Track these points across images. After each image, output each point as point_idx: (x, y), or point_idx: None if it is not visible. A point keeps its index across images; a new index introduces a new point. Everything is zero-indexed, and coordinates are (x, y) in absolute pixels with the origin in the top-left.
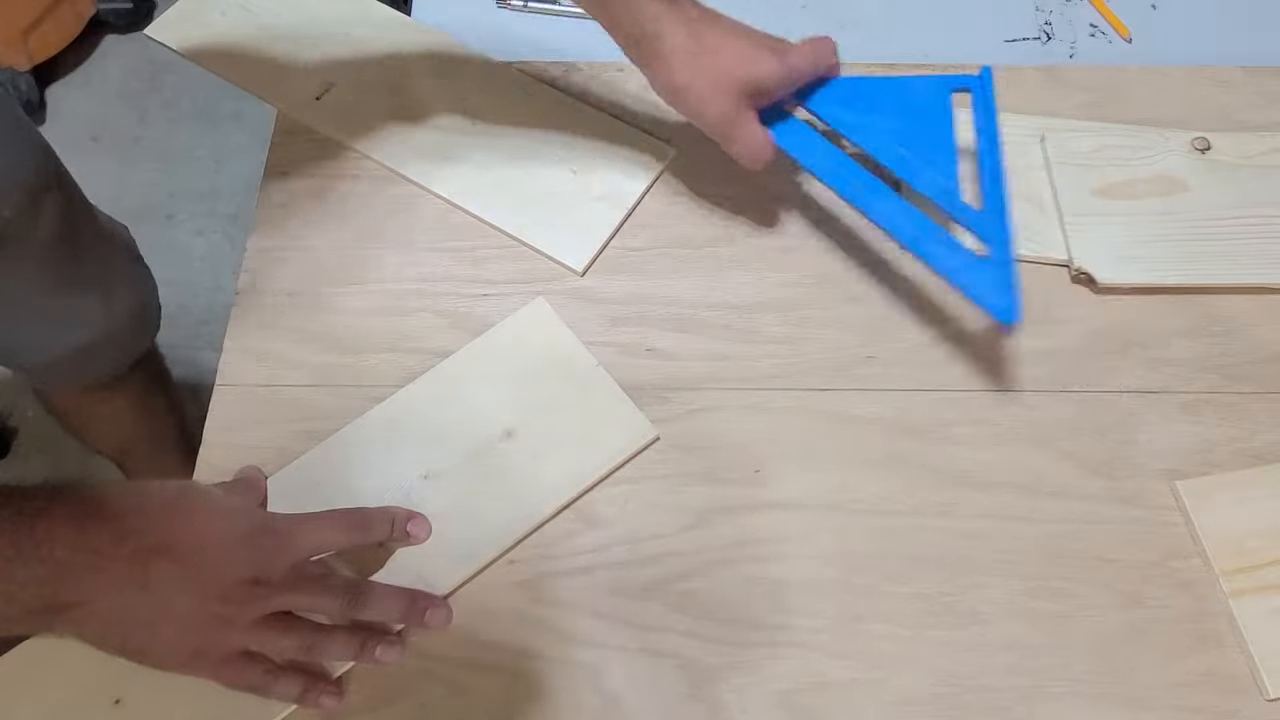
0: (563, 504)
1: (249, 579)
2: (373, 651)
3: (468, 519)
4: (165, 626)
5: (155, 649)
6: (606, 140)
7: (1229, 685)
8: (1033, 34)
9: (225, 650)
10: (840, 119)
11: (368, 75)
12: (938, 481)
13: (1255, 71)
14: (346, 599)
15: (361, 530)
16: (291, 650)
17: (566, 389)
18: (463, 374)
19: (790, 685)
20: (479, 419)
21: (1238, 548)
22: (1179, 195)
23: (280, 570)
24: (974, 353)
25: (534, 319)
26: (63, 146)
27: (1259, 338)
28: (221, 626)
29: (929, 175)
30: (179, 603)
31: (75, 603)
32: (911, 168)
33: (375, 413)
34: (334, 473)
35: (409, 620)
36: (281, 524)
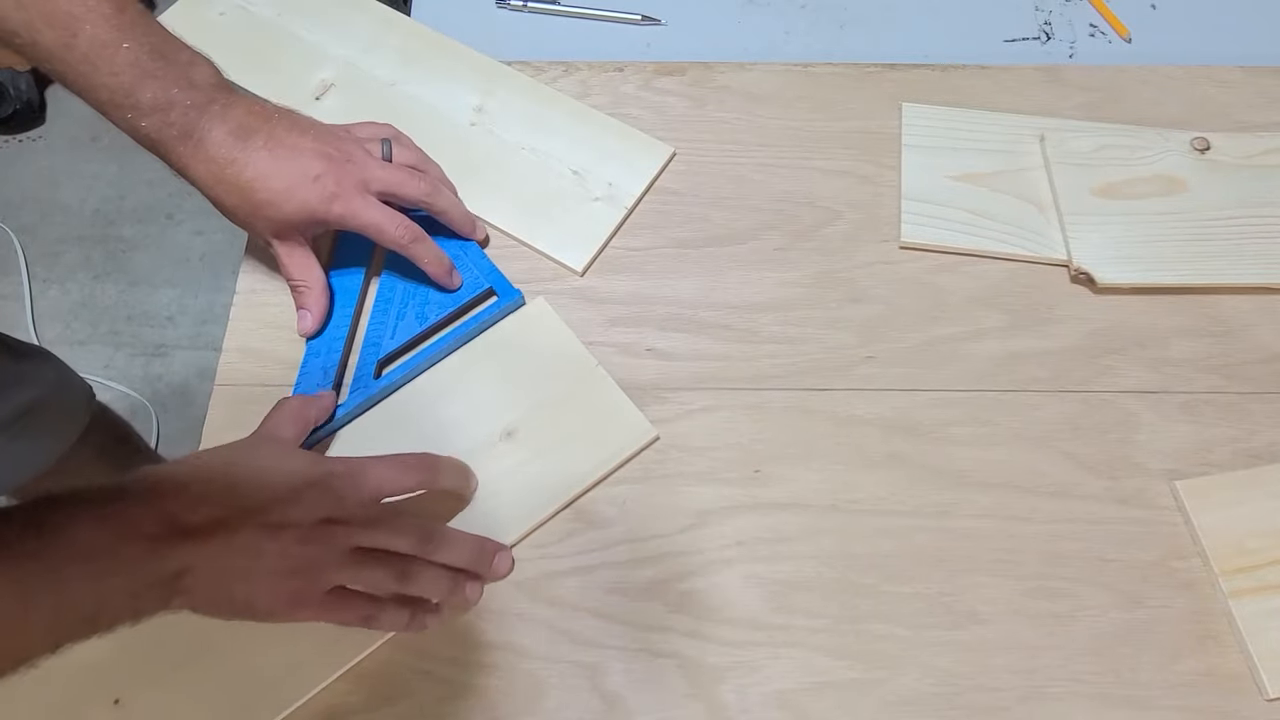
0: (563, 504)
1: (323, 519)
2: (463, 588)
3: (468, 519)
4: (260, 578)
5: (259, 601)
6: (606, 140)
7: (1229, 685)
8: (1032, 34)
9: (321, 589)
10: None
11: (368, 75)
12: (938, 481)
13: (1255, 71)
14: (420, 538)
15: (428, 472)
16: (386, 580)
17: (567, 389)
18: (463, 374)
19: (790, 685)
20: (479, 419)
21: (1237, 548)
22: (1179, 195)
23: (352, 508)
24: (974, 353)
25: (534, 319)
26: (63, 146)
27: (1259, 338)
28: (311, 568)
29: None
30: (265, 553)
31: (178, 571)
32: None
33: (374, 413)
34: None
35: (479, 565)
36: (343, 465)
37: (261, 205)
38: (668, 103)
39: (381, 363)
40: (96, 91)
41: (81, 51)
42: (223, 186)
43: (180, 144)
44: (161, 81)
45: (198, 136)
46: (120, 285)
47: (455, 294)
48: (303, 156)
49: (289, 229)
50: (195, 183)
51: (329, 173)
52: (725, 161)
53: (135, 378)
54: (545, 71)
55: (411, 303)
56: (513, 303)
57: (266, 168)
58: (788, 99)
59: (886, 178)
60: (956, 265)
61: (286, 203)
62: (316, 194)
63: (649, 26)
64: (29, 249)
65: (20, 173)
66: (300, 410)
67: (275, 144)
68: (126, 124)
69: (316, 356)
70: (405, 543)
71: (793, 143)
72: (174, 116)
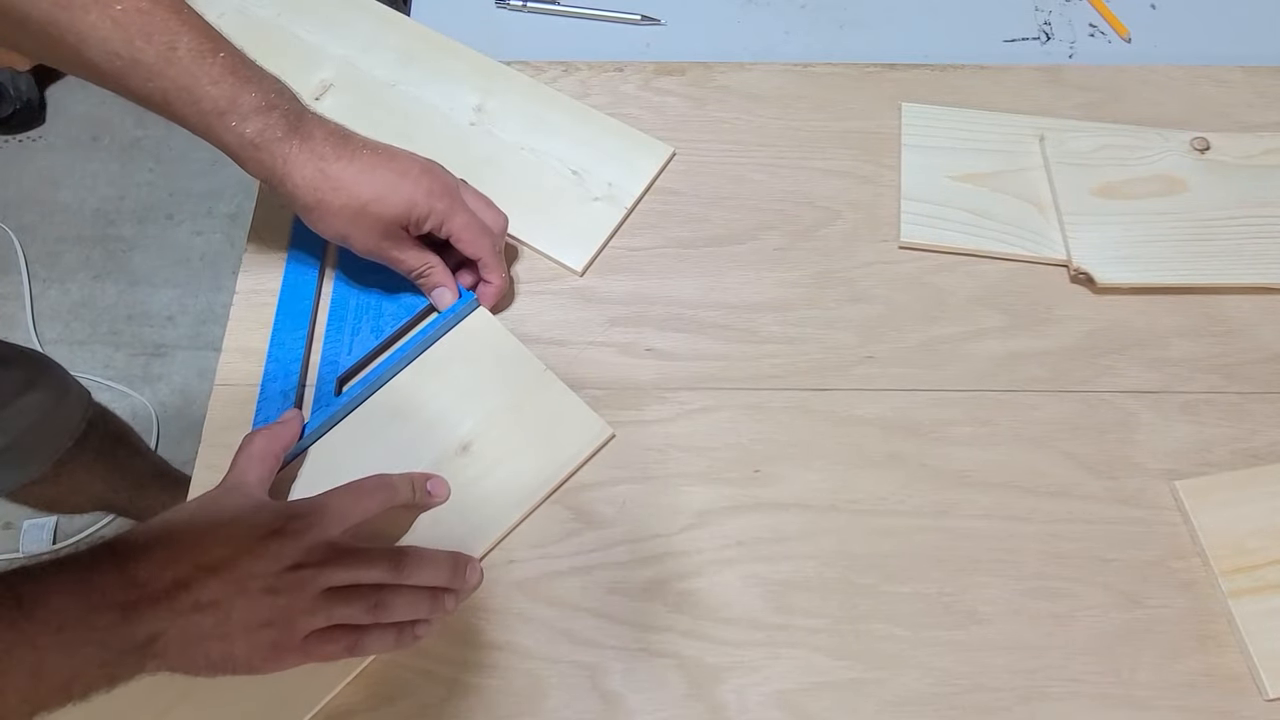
0: (526, 513)
1: (289, 566)
2: (442, 604)
3: (431, 537)
4: (235, 635)
5: (238, 657)
6: (606, 140)
7: (1228, 685)
8: (1032, 34)
9: (300, 634)
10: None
11: (367, 75)
12: (937, 481)
13: (1255, 71)
14: (390, 566)
15: (386, 492)
16: (361, 614)
17: (517, 396)
18: (416, 390)
19: (790, 685)
20: (434, 436)
21: (1237, 548)
22: (1179, 195)
23: (317, 550)
24: (974, 353)
25: (478, 331)
26: (63, 146)
27: (1259, 338)
28: (284, 618)
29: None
30: (236, 609)
31: (150, 637)
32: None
33: (338, 431)
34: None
35: (454, 581)
36: (305, 506)
37: (369, 202)
38: (668, 103)
39: (341, 379)
40: (200, 102)
41: (183, 64)
42: (328, 184)
43: (284, 144)
44: (259, 86)
45: (304, 133)
46: (120, 285)
47: (409, 303)
48: (402, 158)
49: (395, 225)
50: (297, 187)
51: (430, 174)
52: (725, 161)
53: (135, 378)
54: (545, 71)
55: (366, 316)
56: (466, 305)
57: (371, 161)
58: (788, 99)
59: (886, 178)
60: (956, 265)
61: (394, 195)
62: (423, 189)
63: (649, 26)
64: (29, 249)
65: (20, 173)
66: (265, 446)
67: (373, 147)
68: (230, 132)
69: (274, 381)
70: (375, 573)
71: (792, 143)
72: (276, 118)
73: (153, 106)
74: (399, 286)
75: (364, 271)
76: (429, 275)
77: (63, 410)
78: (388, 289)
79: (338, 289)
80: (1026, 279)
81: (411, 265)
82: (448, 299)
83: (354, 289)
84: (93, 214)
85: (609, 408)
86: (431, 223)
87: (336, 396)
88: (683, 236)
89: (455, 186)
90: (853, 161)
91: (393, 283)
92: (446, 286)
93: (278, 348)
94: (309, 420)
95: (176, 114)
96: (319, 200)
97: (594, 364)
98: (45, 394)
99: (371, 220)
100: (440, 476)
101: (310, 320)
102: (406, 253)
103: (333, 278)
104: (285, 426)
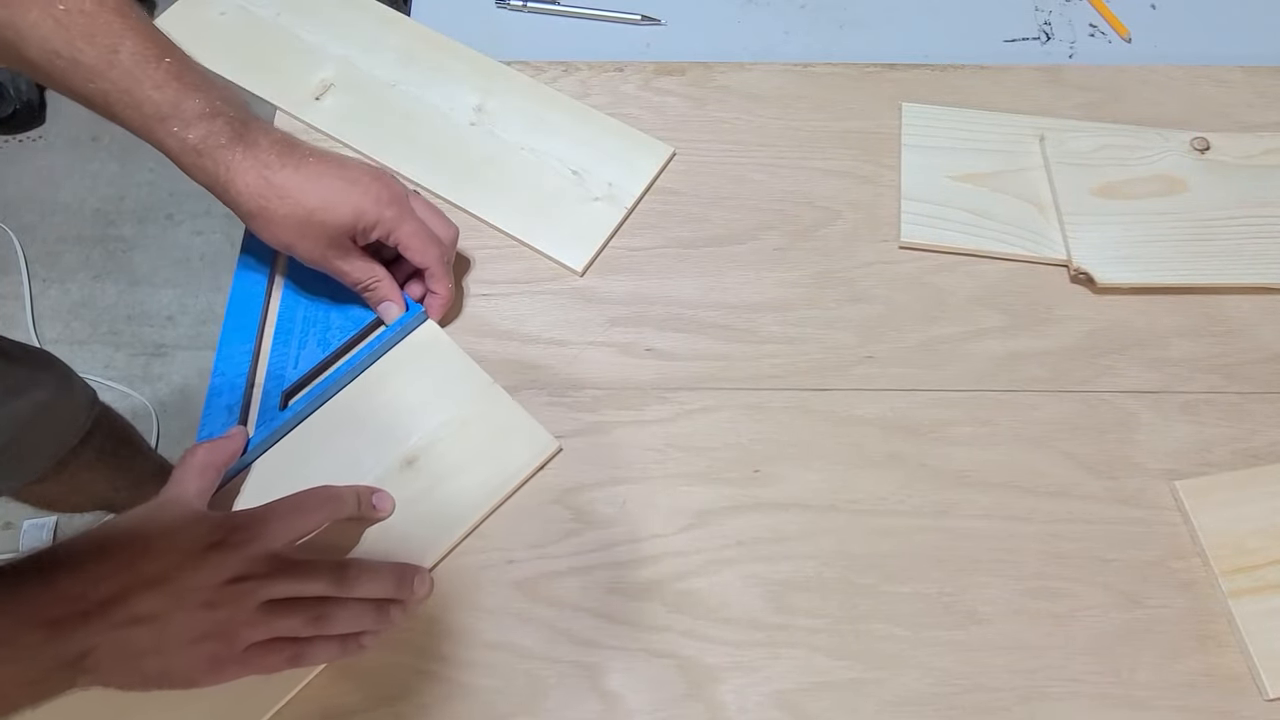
0: (470, 528)
1: (228, 579)
2: (388, 616)
3: (379, 550)
4: (173, 649)
5: (175, 671)
6: (606, 140)
7: (1228, 685)
8: (1032, 34)
9: (240, 647)
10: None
11: (368, 75)
12: (937, 481)
13: (1255, 71)
14: (333, 579)
15: (331, 504)
16: (302, 627)
17: (465, 409)
18: (359, 405)
19: (790, 685)
20: (380, 450)
21: (1237, 548)
22: (1179, 195)
23: (259, 563)
24: (974, 353)
25: (426, 345)
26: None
27: (1259, 338)
28: (223, 630)
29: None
30: (173, 622)
31: (82, 652)
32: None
33: (282, 446)
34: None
35: (400, 593)
36: (246, 517)
37: (314, 210)
38: (668, 103)
39: (287, 393)
40: (141, 105)
41: (125, 67)
42: (274, 192)
43: (229, 150)
44: (205, 93)
45: (248, 140)
46: (120, 285)
47: (357, 316)
48: (350, 166)
49: (341, 234)
50: (241, 194)
51: (379, 182)
52: (725, 161)
53: (135, 378)
54: (545, 71)
55: (313, 330)
56: (414, 319)
57: (318, 169)
58: (788, 99)
59: (886, 178)
60: (956, 265)
61: (341, 203)
62: (370, 199)
63: (649, 26)
64: (29, 249)
65: (20, 173)
66: (207, 459)
67: (321, 155)
68: (172, 137)
69: (219, 395)
70: (318, 586)
71: (792, 143)
72: (220, 125)
73: (94, 107)
74: (347, 298)
75: (313, 281)
76: (375, 289)
77: (67, 409)
78: (336, 299)
79: (286, 299)
80: (1026, 279)
81: (358, 278)
82: (394, 313)
83: (302, 299)
84: (93, 214)
85: (608, 408)
86: (379, 231)
87: (282, 410)
88: (683, 236)
89: (404, 195)
90: (853, 161)
91: (341, 294)
92: (393, 300)
93: (224, 361)
94: (253, 435)
95: (117, 116)
96: (262, 208)
97: (594, 364)
98: (50, 392)
99: (317, 229)
100: (385, 491)
101: (258, 333)
102: (353, 264)
103: (281, 286)
104: (229, 440)
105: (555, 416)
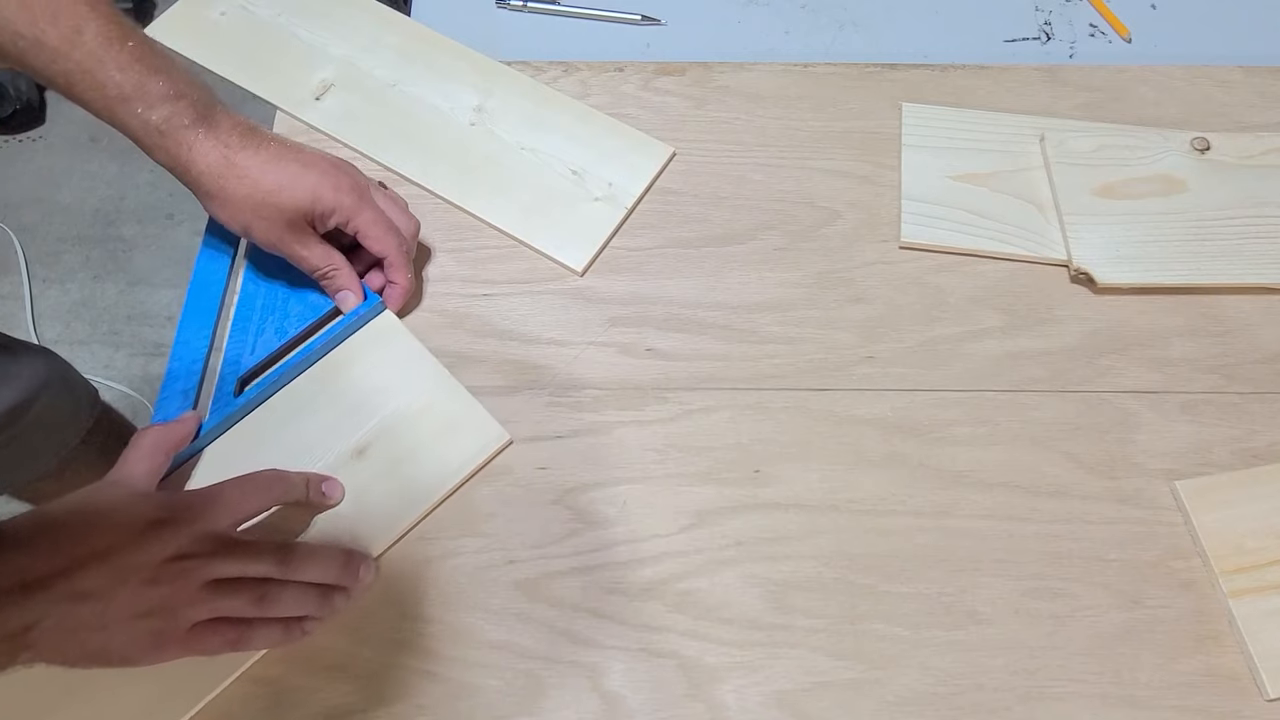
0: (418, 518)
1: (171, 556)
2: (331, 601)
3: (326, 537)
4: (115, 625)
5: (115, 648)
6: (606, 140)
7: (1229, 685)
8: (1033, 34)
9: (181, 628)
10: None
11: (368, 75)
12: (938, 481)
13: (1255, 71)
14: (276, 560)
15: (279, 487)
16: (245, 607)
17: (418, 400)
18: (313, 393)
19: (790, 685)
20: (332, 438)
21: (1237, 548)
22: (1179, 195)
23: (202, 541)
24: (974, 353)
25: (383, 333)
26: (63, 146)
27: (1259, 338)
28: (165, 608)
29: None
30: (116, 599)
31: (23, 627)
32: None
33: (234, 432)
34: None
35: (344, 579)
36: (193, 497)
37: (271, 191)
38: (668, 103)
39: (242, 380)
40: (104, 87)
41: (89, 48)
42: (233, 172)
43: (190, 131)
44: (168, 75)
45: (211, 121)
46: (120, 285)
47: (316, 303)
48: (309, 154)
49: (298, 217)
50: (202, 174)
51: (338, 169)
52: (725, 161)
53: (135, 378)
54: (545, 71)
55: (271, 317)
56: (371, 309)
57: (277, 153)
58: (788, 99)
59: (886, 178)
60: (956, 265)
61: (297, 185)
62: (329, 184)
63: (649, 26)
64: (29, 249)
65: (20, 173)
66: (157, 442)
67: (280, 140)
68: (135, 118)
69: (175, 380)
70: (262, 567)
71: (793, 143)
72: (184, 106)
73: (56, 88)
74: (307, 285)
75: (273, 267)
76: (334, 277)
77: (69, 408)
78: (295, 286)
79: (246, 285)
80: (1026, 279)
81: (316, 264)
82: (351, 302)
83: (262, 285)
84: (93, 214)
85: (609, 408)
86: (337, 218)
87: (236, 397)
88: (683, 236)
89: (365, 185)
90: (853, 161)
91: (300, 281)
92: (351, 290)
93: (181, 346)
94: (207, 420)
95: (79, 97)
96: (221, 188)
97: (594, 364)
98: (53, 391)
99: (273, 210)
100: (335, 479)
101: (216, 318)
102: (311, 249)
103: (242, 272)
104: (180, 424)
105: (555, 416)
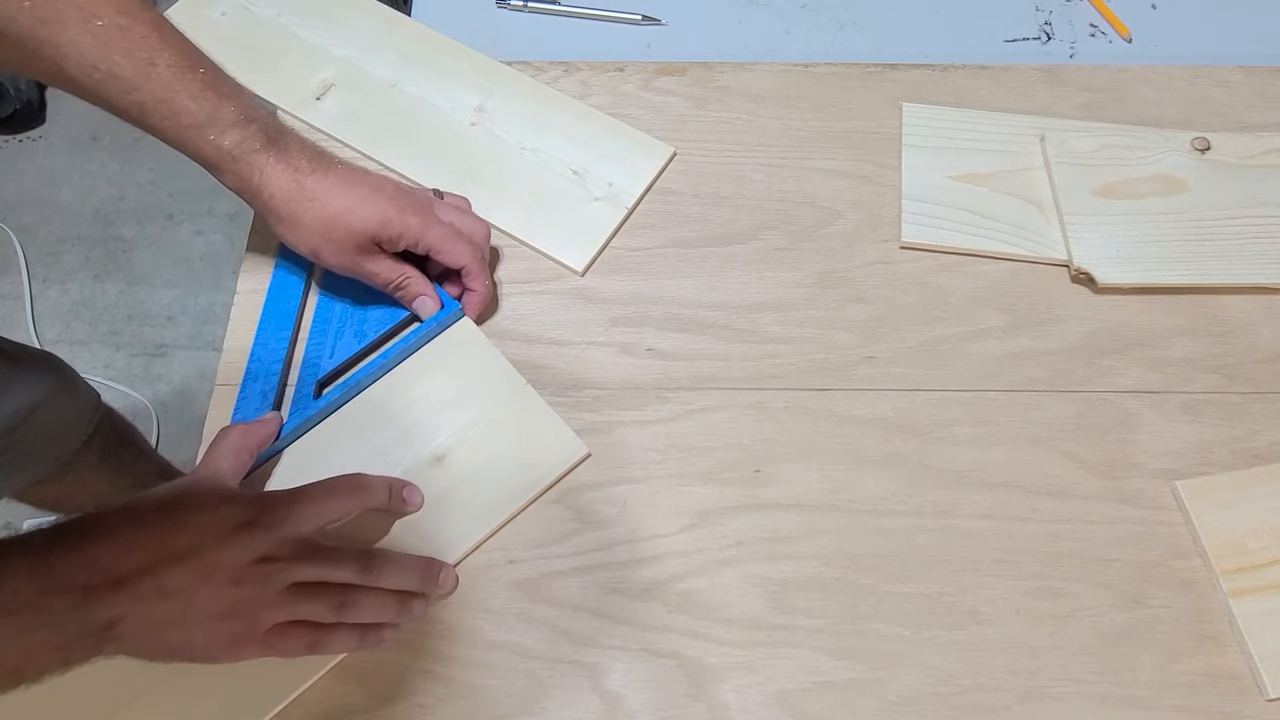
0: (494, 529)
1: (256, 559)
2: (410, 608)
3: (403, 544)
4: (196, 623)
5: (196, 645)
6: (606, 140)
7: (1229, 685)
8: (1033, 34)
9: (262, 628)
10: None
11: (368, 75)
12: (938, 481)
13: (1255, 71)
14: (358, 567)
15: (362, 492)
16: (326, 612)
17: (497, 410)
18: (390, 399)
19: (790, 685)
20: (408, 446)
21: (1238, 548)
22: (1179, 195)
23: (286, 545)
24: (974, 353)
25: (462, 341)
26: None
27: (1259, 338)
28: (247, 608)
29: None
30: (199, 597)
31: (109, 621)
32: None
33: (314, 435)
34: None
35: (425, 586)
36: (277, 499)
37: (339, 214)
38: (668, 103)
39: (321, 383)
40: (179, 115)
41: (162, 78)
42: (303, 196)
43: (262, 155)
44: (238, 101)
45: (281, 145)
46: (120, 285)
47: (393, 310)
48: (376, 178)
49: (367, 240)
50: (273, 197)
51: (402, 190)
52: (725, 161)
53: (135, 378)
54: (545, 71)
55: (350, 321)
56: (451, 315)
57: (345, 177)
58: (788, 99)
59: (886, 178)
60: (956, 265)
61: (365, 208)
62: (394, 207)
63: (649, 26)
64: (29, 249)
65: (20, 173)
66: (240, 441)
67: (348, 166)
68: (208, 144)
69: (255, 381)
70: (344, 573)
71: (793, 143)
72: (254, 131)
73: (129, 118)
74: (383, 295)
75: (350, 280)
76: (407, 286)
77: (72, 411)
78: (373, 296)
79: (323, 293)
80: (1027, 279)
81: (387, 278)
82: (430, 307)
83: (338, 294)
84: (93, 214)
85: (609, 408)
86: (406, 240)
87: (315, 399)
88: (683, 236)
89: (428, 203)
90: (853, 161)
91: (377, 291)
92: (426, 295)
93: (261, 347)
94: (286, 421)
95: (152, 126)
96: (292, 211)
97: (595, 364)
98: (55, 394)
99: (343, 233)
100: (415, 485)
101: (295, 322)
102: (380, 265)
103: (319, 281)
104: (262, 424)
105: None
